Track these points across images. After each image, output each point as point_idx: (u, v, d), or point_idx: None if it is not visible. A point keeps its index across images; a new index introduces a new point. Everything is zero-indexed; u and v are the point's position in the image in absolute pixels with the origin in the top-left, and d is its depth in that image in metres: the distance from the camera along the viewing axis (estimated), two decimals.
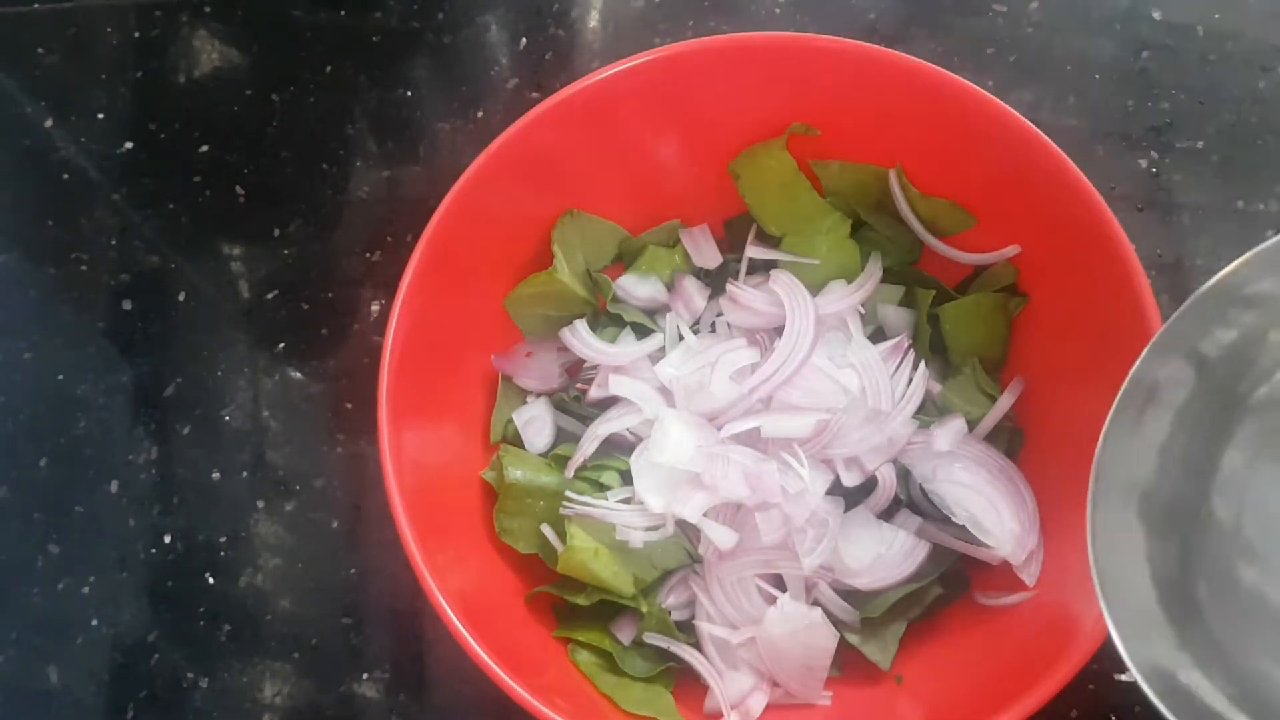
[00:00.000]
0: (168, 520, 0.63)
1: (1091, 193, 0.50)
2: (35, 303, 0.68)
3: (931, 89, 0.52)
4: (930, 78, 0.52)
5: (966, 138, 0.53)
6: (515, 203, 0.55)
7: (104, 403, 0.65)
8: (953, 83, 0.52)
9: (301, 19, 0.73)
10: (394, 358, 0.50)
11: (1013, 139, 0.52)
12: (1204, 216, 0.65)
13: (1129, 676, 0.37)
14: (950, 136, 0.54)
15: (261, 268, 0.67)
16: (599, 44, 0.71)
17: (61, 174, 0.70)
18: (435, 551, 0.48)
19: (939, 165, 0.56)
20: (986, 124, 0.52)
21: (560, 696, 0.47)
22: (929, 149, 0.55)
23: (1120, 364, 0.49)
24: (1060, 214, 0.51)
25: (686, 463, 0.52)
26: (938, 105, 0.53)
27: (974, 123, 0.52)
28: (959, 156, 0.54)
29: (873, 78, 0.53)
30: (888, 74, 0.53)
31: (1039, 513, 0.52)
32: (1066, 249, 0.52)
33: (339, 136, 0.70)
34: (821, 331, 0.55)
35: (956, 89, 0.52)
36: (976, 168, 0.54)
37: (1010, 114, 0.51)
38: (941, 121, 0.53)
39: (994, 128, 0.52)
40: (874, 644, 0.52)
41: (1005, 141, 0.52)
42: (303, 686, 0.59)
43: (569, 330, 0.57)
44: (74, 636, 0.61)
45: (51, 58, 0.73)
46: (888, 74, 0.53)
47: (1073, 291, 0.52)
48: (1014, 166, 0.52)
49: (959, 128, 0.53)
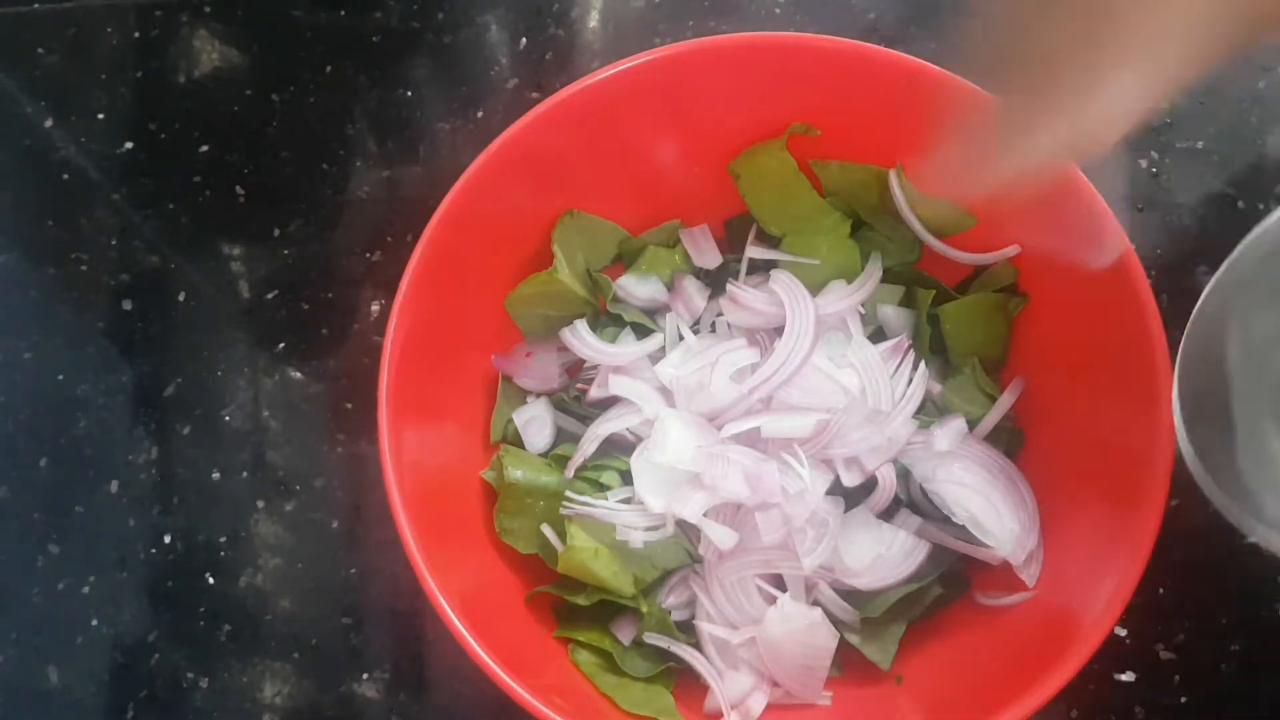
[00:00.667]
0: (168, 520, 0.63)
1: (1091, 193, 0.50)
2: (35, 303, 0.68)
3: (931, 89, 0.52)
4: (930, 78, 0.52)
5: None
6: (515, 203, 0.55)
7: (104, 403, 0.65)
8: (953, 83, 0.52)
9: (301, 19, 0.73)
10: (394, 358, 0.50)
11: None
12: (1204, 216, 0.65)
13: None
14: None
15: (261, 268, 0.67)
16: (599, 44, 0.71)
17: (61, 174, 0.70)
18: (435, 551, 0.48)
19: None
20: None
21: (560, 696, 0.47)
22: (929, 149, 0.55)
23: (1120, 364, 0.49)
24: (1060, 214, 0.51)
25: (687, 463, 0.52)
26: (938, 105, 0.53)
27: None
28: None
29: (873, 78, 0.53)
30: (888, 74, 0.53)
31: (1039, 513, 0.52)
32: (1066, 249, 0.52)
33: (339, 136, 0.70)
34: (821, 331, 0.55)
35: (957, 89, 0.52)
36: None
37: None
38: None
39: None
40: (874, 644, 0.52)
41: None
42: (303, 686, 0.59)
43: (569, 330, 0.57)
44: (74, 636, 0.61)
45: (51, 58, 0.73)
46: (888, 74, 0.53)
47: (1073, 291, 0.52)
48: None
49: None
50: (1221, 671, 0.57)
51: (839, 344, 0.55)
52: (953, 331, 0.56)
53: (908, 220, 0.57)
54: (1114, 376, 0.50)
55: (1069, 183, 0.50)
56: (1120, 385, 0.49)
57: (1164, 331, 0.47)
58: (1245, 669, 0.57)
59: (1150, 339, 0.47)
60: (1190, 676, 0.57)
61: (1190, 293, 0.59)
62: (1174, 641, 0.57)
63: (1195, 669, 0.57)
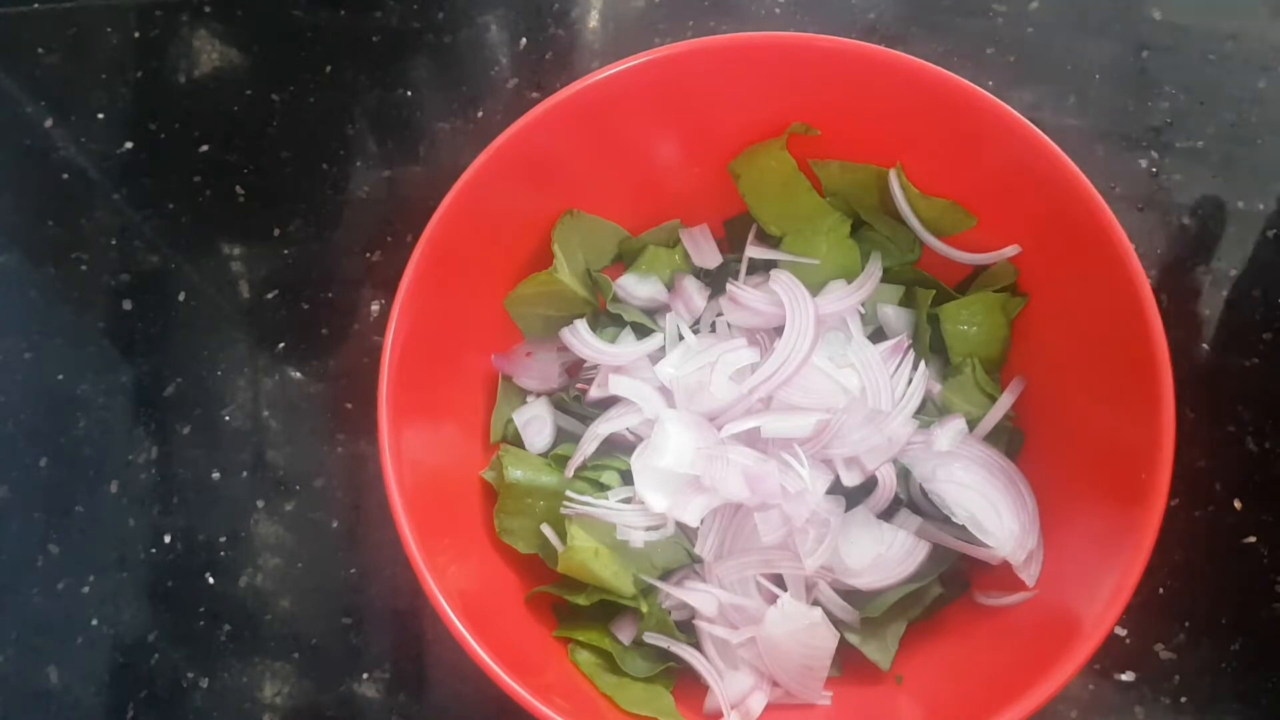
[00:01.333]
0: (167, 520, 0.63)
1: (1091, 193, 0.50)
2: (35, 302, 0.68)
3: (931, 89, 0.52)
4: (930, 78, 0.52)
5: (966, 138, 0.53)
6: (515, 203, 0.55)
7: (104, 402, 0.65)
8: (953, 83, 0.52)
9: (301, 19, 0.73)
10: (394, 357, 0.50)
11: (1013, 139, 0.51)
12: (1204, 216, 0.65)
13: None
14: (950, 136, 0.54)
15: (262, 267, 0.67)
16: (599, 44, 0.71)
17: (61, 174, 0.70)
18: (435, 551, 0.48)
19: (939, 165, 0.55)
20: (986, 124, 0.52)
21: (560, 696, 0.47)
22: (929, 149, 0.55)
23: (1120, 364, 0.49)
24: (1060, 214, 0.51)
25: (686, 466, 0.52)
26: (938, 105, 0.53)
27: (974, 123, 0.52)
28: (959, 156, 0.54)
29: (873, 78, 0.53)
30: (888, 74, 0.53)
31: (1039, 512, 0.52)
32: (1066, 249, 0.52)
33: (339, 136, 0.70)
34: (821, 331, 0.55)
35: (956, 89, 0.52)
36: (976, 168, 0.54)
37: (1010, 114, 0.51)
38: (941, 121, 0.53)
39: (994, 128, 0.52)
40: (874, 644, 0.52)
41: (1005, 141, 0.52)
42: (302, 686, 0.59)
43: (569, 330, 0.57)
44: (74, 636, 0.61)
45: (52, 58, 0.73)
46: (888, 74, 0.53)
47: (1073, 291, 0.52)
48: (1014, 166, 0.52)
49: (959, 128, 0.53)
50: (1221, 671, 0.57)
51: (839, 344, 0.55)
52: (953, 331, 0.56)
53: (908, 220, 0.57)
54: (1114, 376, 0.50)
55: (1069, 183, 0.50)
56: (1120, 385, 0.49)
57: (1164, 331, 0.47)
58: (1245, 669, 0.57)
59: (1150, 339, 0.47)
60: (1189, 676, 0.57)
61: (1191, 293, 0.60)
62: (1174, 641, 0.57)
63: (1195, 669, 0.57)
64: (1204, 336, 0.63)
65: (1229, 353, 0.62)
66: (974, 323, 0.56)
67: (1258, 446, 0.61)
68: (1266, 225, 0.65)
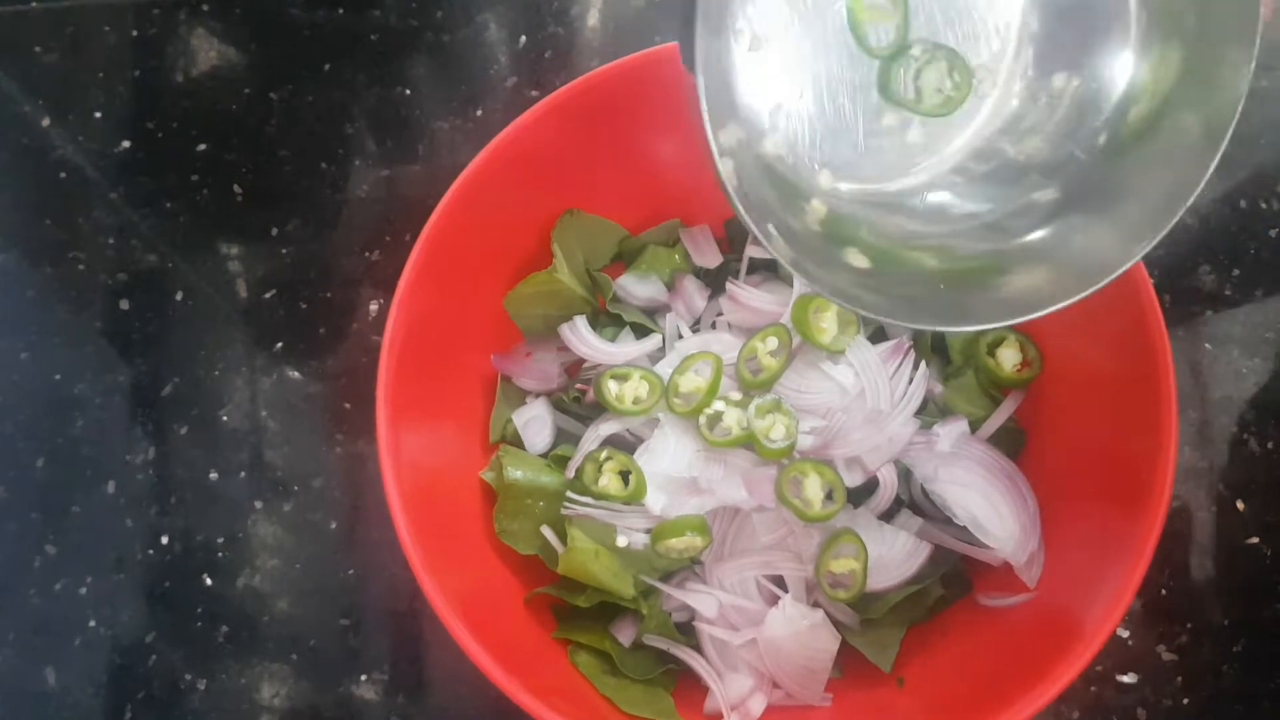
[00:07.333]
0: (165, 521, 0.62)
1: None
2: (33, 302, 0.68)
3: None
4: None
5: None
6: (515, 202, 0.55)
7: (101, 402, 0.65)
8: None
9: (300, 17, 0.72)
10: (393, 357, 0.50)
11: None
12: (1204, 216, 0.65)
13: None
14: None
15: (260, 267, 0.67)
16: (598, 43, 0.71)
17: (59, 173, 0.70)
18: (434, 552, 0.48)
19: None
20: None
21: (559, 698, 0.47)
22: None
23: (1122, 365, 0.49)
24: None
25: (683, 469, 0.52)
26: None
27: None
28: None
29: None
30: None
31: (1040, 514, 0.52)
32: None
33: (337, 135, 0.70)
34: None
35: None
36: None
37: None
38: None
39: None
40: (875, 645, 0.52)
41: None
42: (301, 688, 0.59)
43: (568, 327, 0.57)
44: (72, 637, 0.60)
45: (49, 56, 0.73)
46: None
47: None
48: None
49: None
50: (1223, 672, 0.57)
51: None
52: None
53: None
54: (1116, 378, 0.50)
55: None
56: (1122, 386, 0.49)
57: (1166, 332, 0.47)
58: (1246, 670, 0.57)
59: (1152, 340, 0.47)
60: (1192, 677, 0.56)
61: (1193, 293, 0.59)
62: (1176, 643, 0.57)
63: (1197, 670, 0.57)
64: (1206, 337, 0.63)
65: (1231, 353, 0.62)
66: None
67: (1260, 447, 0.61)
68: (1267, 225, 0.65)
